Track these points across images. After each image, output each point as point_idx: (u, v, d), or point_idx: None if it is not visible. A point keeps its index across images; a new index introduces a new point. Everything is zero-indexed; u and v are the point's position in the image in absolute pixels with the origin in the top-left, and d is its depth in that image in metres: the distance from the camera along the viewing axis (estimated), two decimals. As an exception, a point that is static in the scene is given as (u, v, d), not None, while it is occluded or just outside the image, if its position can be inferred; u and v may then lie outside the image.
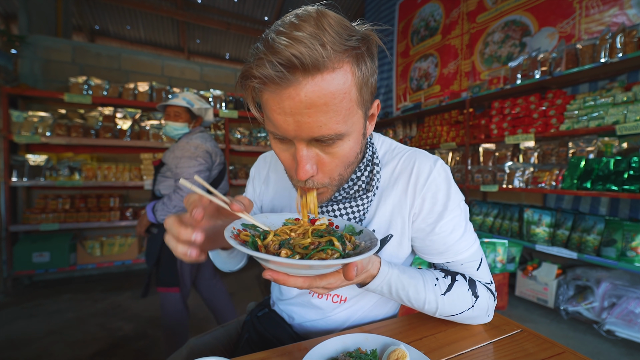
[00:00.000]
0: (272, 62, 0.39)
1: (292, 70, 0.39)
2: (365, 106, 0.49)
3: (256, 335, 0.72)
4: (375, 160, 0.61)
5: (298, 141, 0.46)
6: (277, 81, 0.40)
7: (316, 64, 0.39)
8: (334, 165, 0.49)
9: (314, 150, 0.48)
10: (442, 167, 0.61)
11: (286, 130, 0.45)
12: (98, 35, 6.80)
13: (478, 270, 0.63)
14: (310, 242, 0.48)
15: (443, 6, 3.61)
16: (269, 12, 6.01)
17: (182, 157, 1.51)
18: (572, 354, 0.54)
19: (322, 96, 0.41)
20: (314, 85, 0.40)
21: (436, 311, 0.60)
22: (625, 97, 1.93)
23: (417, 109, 3.50)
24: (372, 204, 0.62)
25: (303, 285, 0.43)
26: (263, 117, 0.50)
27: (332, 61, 0.40)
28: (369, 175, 0.60)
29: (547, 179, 2.24)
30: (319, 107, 0.42)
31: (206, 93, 3.43)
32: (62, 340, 1.88)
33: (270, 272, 0.41)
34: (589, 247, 2.02)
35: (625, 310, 1.84)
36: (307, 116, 0.42)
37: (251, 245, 0.46)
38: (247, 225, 0.52)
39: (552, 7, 2.55)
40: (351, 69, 0.43)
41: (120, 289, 2.77)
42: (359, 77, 0.44)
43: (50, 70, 3.07)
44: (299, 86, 0.40)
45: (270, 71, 0.39)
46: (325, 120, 0.43)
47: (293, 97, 0.41)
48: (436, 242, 0.61)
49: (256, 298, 2.55)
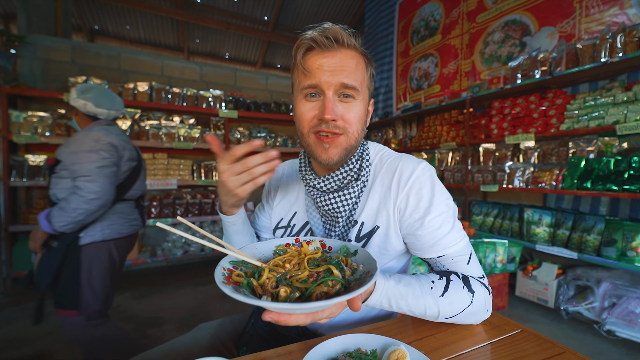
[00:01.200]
0: (325, 34, 0.60)
1: (335, 41, 0.61)
2: (369, 91, 0.68)
3: (263, 323, 0.74)
4: (366, 156, 0.71)
5: (328, 90, 0.61)
6: (325, 45, 0.60)
7: (349, 43, 0.62)
8: (350, 117, 0.63)
9: (338, 103, 0.63)
10: (425, 167, 0.67)
11: (321, 80, 0.60)
12: (97, 35, 6.80)
13: (468, 264, 0.65)
14: (308, 274, 0.47)
15: (443, 6, 3.60)
16: (269, 11, 6.00)
17: (79, 152, 1.26)
18: (572, 354, 0.54)
19: (349, 60, 0.62)
20: (346, 54, 0.62)
21: (438, 315, 0.60)
22: (626, 97, 1.93)
23: (417, 109, 3.49)
24: (361, 200, 0.70)
25: (305, 321, 0.44)
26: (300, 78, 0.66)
27: (357, 49, 0.64)
28: (359, 167, 0.69)
29: (547, 178, 2.24)
30: (346, 66, 0.61)
31: (206, 93, 3.43)
32: (62, 341, 1.88)
33: (271, 315, 0.42)
34: (589, 247, 2.02)
35: (626, 310, 1.84)
36: (339, 70, 0.61)
37: (247, 288, 0.45)
38: (236, 262, 0.51)
39: (552, 6, 2.55)
40: (364, 60, 0.65)
41: (120, 289, 2.77)
42: (369, 69, 0.66)
43: (50, 70, 3.07)
44: (337, 52, 0.61)
45: (323, 39, 0.60)
46: (348, 74, 0.61)
47: (332, 57, 0.61)
48: (425, 237, 0.64)
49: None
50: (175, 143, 3.09)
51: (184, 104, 3.33)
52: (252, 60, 8.07)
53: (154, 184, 3.01)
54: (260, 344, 0.72)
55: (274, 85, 4.29)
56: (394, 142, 4.00)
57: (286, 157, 4.22)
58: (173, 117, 3.41)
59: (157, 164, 3.11)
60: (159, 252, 3.26)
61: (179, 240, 3.37)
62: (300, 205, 0.78)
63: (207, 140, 0.51)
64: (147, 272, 3.28)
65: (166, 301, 2.52)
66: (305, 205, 0.76)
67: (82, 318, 1.30)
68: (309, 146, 0.65)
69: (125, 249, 1.48)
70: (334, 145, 0.63)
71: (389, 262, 0.71)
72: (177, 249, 3.31)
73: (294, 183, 0.82)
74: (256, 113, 3.63)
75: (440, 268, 0.67)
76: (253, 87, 4.15)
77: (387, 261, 0.71)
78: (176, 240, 3.36)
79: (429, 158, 3.64)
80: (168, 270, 3.34)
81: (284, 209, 0.81)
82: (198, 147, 3.25)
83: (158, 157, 3.12)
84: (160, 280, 3.02)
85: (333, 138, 0.62)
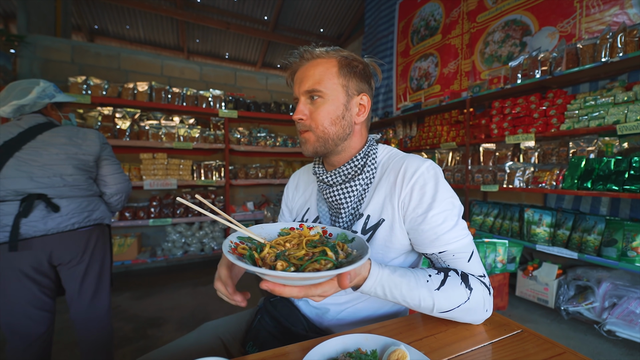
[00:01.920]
0: (293, 55, 0.75)
1: (301, 57, 0.74)
2: (348, 89, 0.73)
3: (270, 318, 0.78)
4: (372, 155, 0.77)
5: (301, 97, 0.73)
6: (295, 62, 0.76)
7: (316, 55, 0.73)
8: (317, 115, 0.72)
9: (308, 105, 0.73)
10: (430, 166, 0.70)
11: (295, 90, 0.75)
12: (97, 34, 6.79)
13: (469, 261, 0.66)
14: (304, 253, 0.51)
15: (443, 6, 3.60)
16: (269, 11, 6.00)
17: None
18: (572, 355, 0.53)
19: (314, 69, 0.72)
20: (312, 64, 0.73)
21: (433, 307, 0.60)
22: (626, 97, 1.92)
23: (417, 109, 3.49)
24: (368, 194, 0.75)
25: (299, 294, 0.48)
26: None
27: (324, 56, 0.73)
28: (363, 164, 0.75)
29: (547, 178, 2.24)
30: (310, 75, 0.72)
31: (206, 93, 3.42)
32: (62, 341, 1.88)
33: (267, 284, 0.47)
34: (589, 247, 2.01)
35: (626, 311, 1.84)
36: (305, 79, 0.72)
37: (248, 259, 0.50)
38: (243, 238, 0.57)
39: (553, 6, 2.55)
40: (337, 64, 0.72)
41: (120, 289, 2.77)
42: (344, 69, 0.72)
43: (49, 70, 3.07)
44: (304, 65, 0.74)
45: (293, 59, 0.75)
46: (313, 81, 0.71)
47: (300, 70, 0.74)
48: (427, 232, 0.66)
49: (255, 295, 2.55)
50: (175, 143, 3.09)
51: (184, 103, 3.32)
52: (252, 60, 8.06)
53: (154, 184, 3.01)
54: (266, 338, 0.74)
55: (274, 85, 4.29)
56: (394, 142, 3.99)
57: (286, 156, 4.22)
58: (173, 117, 3.41)
59: (157, 164, 3.11)
60: (158, 252, 3.25)
61: (178, 241, 3.37)
62: (312, 201, 0.86)
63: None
64: (147, 272, 3.28)
65: (166, 301, 2.52)
66: (317, 199, 0.84)
67: None
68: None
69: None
70: (304, 141, 0.75)
71: (397, 257, 0.73)
72: (177, 249, 3.31)
73: (308, 183, 0.91)
74: (256, 113, 3.63)
75: (441, 265, 0.68)
76: (253, 87, 4.14)
77: (394, 256, 0.72)
78: (176, 241, 3.36)
79: (429, 158, 3.64)
80: (168, 271, 3.34)
81: (300, 205, 0.90)
82: (198, 147, 3.25)
83: (158, 157, 3.12)
84: (160, 281, 3.02)
85: (304, 134, 0.74)
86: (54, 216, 1.23)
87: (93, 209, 1.35)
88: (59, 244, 1.24)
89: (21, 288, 1.20)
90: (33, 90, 1.31)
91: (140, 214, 3.09)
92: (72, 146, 1.29)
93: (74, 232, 1.27)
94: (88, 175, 1.35)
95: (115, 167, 1.45)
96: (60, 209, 1.23)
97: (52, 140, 1.26)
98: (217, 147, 3.38)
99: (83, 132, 1.35)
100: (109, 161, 1.42)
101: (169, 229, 3.35)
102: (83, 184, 1.32)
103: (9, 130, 1.24)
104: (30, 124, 1.27)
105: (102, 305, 1.39)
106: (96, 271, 1.36)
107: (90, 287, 1.34)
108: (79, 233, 1.29)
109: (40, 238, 1.21)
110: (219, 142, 3.41)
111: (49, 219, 1.21)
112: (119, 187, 1.45)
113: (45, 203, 1.22)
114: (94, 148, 1.34)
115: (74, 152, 1.29)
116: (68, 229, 1.25)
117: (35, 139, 1.24)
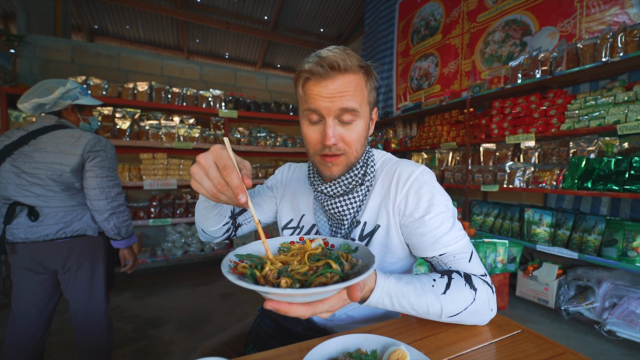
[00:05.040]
0: (320, 63, 0.61)
1: (331, 69, 0.61)
2: (370, 105, 0.68)
3: (270, 320, 0.78)
4: (371, 163, 0.74)
5: (328, 117, 0.62)
6: (321, 74, 0.61)
7: (346, 67, 0.61)
8: (351, 138, 0.65)
9: (338, 127, 0.64)
10: (424, 171, 0.70)
11: (321, 106, 0.62)
12: (97, 34, 6.79)
13: (470, 262, 0.66)
14: (308, 268, 0.49)
15: (443, 5, 3.60)
16: (269, 11, 6.00)
17: None
18: (573, 355, 0.53)
19: (347, 85, 0.62)
20: (343, 79, 0.62)
21: (441, 313, 0.59)
22: (626, 97, 1.92)
23: (418, 109, 3.49)
24: (364, 201, 0.73)
25: (306, 313, 0.44)
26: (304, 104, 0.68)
27: (354, 69, 0.62)
28: (363, 173, 0.72)
29: (547, 178, 2.24)
30: (344, 92, 0.61)
31: (206, 93, 3.42)
32: (62, 341, 1.88)
33: (271, 303, 0.43)
34: (589, 247, 2.01)
35: (627, 311, 1.83)
36: (338, 96, 0.61)
37: (250, 278, 0.47)
38: (241, 256, 0.54)
39: (553, 6, 2.54)
40: (363, 77, 0.65)
41: (120, 289, 2.77)
42: (368, 84, 0.66)
43: (49, 69, 3.07)
44: (334, 79, 0.61)
45: (319, 69, 0.60)
46: (346, 99, 0.62)
47: (329, 85, 0.61)
48: (426, 235, 0.65)
49: (256, 300, 2.55)
50: (175, 143, 3.09)
51: (184, 103, 3.32)
52: (252, 60, 8.06)
53: (154, 184, 3.00)
54: (266, 340, 0.74)
55: (274, 85, 4.29)
56: (394, 142, 3.99)
57: (286, 156, 4.22)
58: (173, 117, 3.40)
59: (157, 164, 3.11)
60: (158, 252, 3.25)
61: (178, 241, 3.37)
62: (309, 208, 0.82)
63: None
64: (147, 272, 3.28)
65: (166, 301, 2.52)
66: (314, 208, 0.80)
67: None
68: (315, 164, 0.70)
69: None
70: (336, 164, 0.67)
71: (395, 263, 0.72)
72: (177, 249, 3.31)
73: (303, 187, 0.86)
74: (256, 113, 3.63)
75: (442, 267, 0.67)
76: (253, 87, 4.14)
77: (392, 261, 0.72)
78: (176, 241, 3.36)
79: (429, 158, 3.64)
80: (168, 271, 3.34)
81: (293, 210, 0.85)
82: (198, 147, 3.25)
83: (158, 157, 3.12)
84: (160, 281, 3.02)
85: (334, 158, 0.66)
86: (32, 224, 1.22)
87: (72, 219, 1.28)
88: (39, 252, 1.25)
89: (23, 279, 1.28)
90: (56, 91, 1.30)
91: (140, 213, 3.09)
92: (54, 154, 1.23)
93: (50, 242, 1.25)
94: (65, 186, 1.27)
95: (100, 180, 1.29)
96: (38, 218, 1.22)
97: (41, 146, 1.23)
98: (217, 147, 3.38)
99: (76, 139, 1.26)
100: (93, 173, 1.28)
101: (169, 229, 3.35)
102: (59, 195, 1.25)
103: (12, 134, 1.27)
104: (35, 127, 1.28)
105: (95, 311, 1.36)
106: (85, 282, 1.32)
107: (80, 295, 1.32)
108: (57, 244, 1.26)
109: (22, 244, 1.23)
110: (219, 142, 3.41)
111: (28, 228, 1.22)
112: (100, 205, 1.29)
113: (28, 211, 1.22)
114: (72, 159, 1.24)
115: (51, 160, 1.22)
116: (42, 239, 1.23)
117: (28, 144, 1.24)
